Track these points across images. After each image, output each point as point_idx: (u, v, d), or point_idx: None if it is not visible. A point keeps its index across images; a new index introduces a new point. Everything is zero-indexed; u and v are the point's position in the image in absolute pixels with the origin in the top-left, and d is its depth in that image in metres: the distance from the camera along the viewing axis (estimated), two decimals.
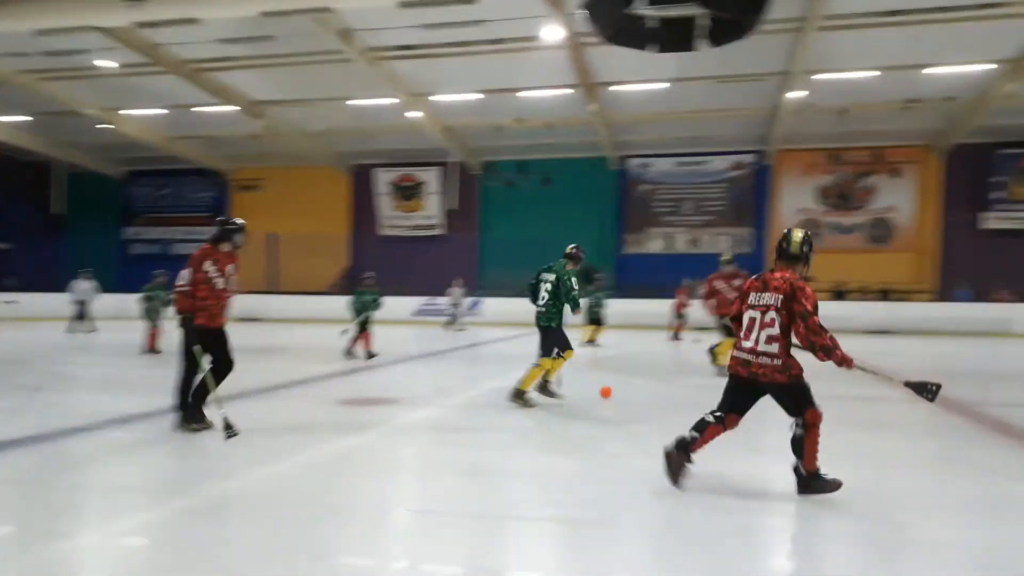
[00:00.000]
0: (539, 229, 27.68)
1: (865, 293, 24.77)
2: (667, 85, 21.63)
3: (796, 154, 26.91)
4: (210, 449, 5.44)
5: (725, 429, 4.44)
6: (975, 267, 24.73)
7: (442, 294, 22.84)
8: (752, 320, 4.36)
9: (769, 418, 4.79)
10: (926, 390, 4.34)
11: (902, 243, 26.40)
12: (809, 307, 4.19)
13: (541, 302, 7.55)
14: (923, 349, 16.42)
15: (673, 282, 20.20)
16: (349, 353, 11.98)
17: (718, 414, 4.44)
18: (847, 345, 4.40)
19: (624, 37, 11.80)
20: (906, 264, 26.18)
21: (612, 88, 22.35)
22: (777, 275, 4.38)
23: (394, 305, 17.31)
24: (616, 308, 23.63)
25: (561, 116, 24.33)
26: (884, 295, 24.30)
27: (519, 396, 7.48)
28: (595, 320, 15.49)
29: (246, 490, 4.51)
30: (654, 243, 28.41)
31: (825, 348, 4.13)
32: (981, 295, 23.44)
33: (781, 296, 4.26)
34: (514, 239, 27.68)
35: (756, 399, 4.42)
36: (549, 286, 7.51)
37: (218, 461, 5.18)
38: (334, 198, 30.41)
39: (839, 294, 24.78)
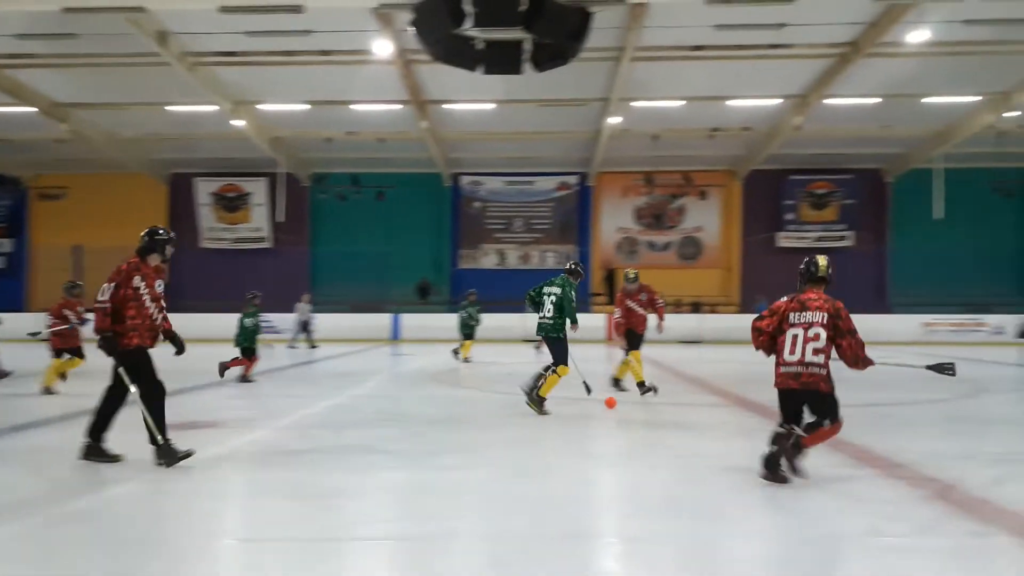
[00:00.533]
0: (373, 243, 27.40)
1: (678, 306, 26.68)
2: (495, 106, 22.24)
3: (615, 176, 28.55)
4: (8, 480, 4.92)
5: (837, 430, 4.94)
6: (772, 281, 27.32)
7: (272, 310, 21.92)
8: (795, 337, 4.92)
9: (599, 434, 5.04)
10: (946, 369, 5.24)
11: (709, 260, 28.72)
12: (852, 325, 4.88)
13: (549, 314, 8.00)
14: (729, 356, 17.91)
15: (506, 296, 20.74)
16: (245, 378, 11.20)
17: (787, 426, 4.91)
18: (665, 353, 4.75)
19: (452, 56, 12.04)
20: (713, 279, 28.47)
21: (444, 106, 22.64)
22: (813, 296, 5.00)
23: (217, 322, 16.45)
24: (455, 322, 23.86)
25: (393, 131, 24.28)
26: (695, 308, 26.28)
27: (538, 403, 7.83)
28: (468, 335, 15.57)
29: (50, 523, 4.12)
30: (488, 258, 28.99)
31: (865, 360, 4.90)
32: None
33: (825, 314, 4.88)
34: (347, 253, 27.21)
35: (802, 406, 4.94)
36: (554, 299, 7.98)
37: (24, 492, 4.69)
38: (150, 208, 28.28)
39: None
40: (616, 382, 9.86)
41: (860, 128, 23.75)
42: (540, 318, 8.15)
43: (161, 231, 5.67)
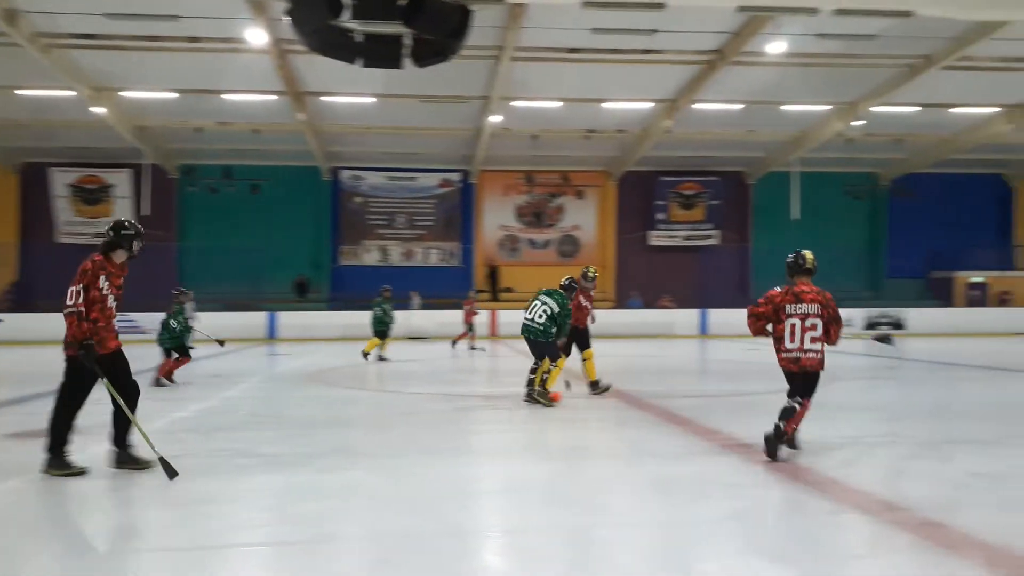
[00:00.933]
0: (248, 239, 26.34)
1: None
2: (375, 100, 21.93)
3: (497, 174, 28.84)
4: None
5: (806, 408, 5.50)
6: (645, 278, 28.48)
7: (137, 310, 20.64)
8: (793, 326, 5.55)
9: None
10: (887, 340, 6.96)
11: (587, 257, 29.49)
12: (838, 313, 5.62)
13: (540, 320, 8.38)
14: (606, 350, 18.44)
15: (392, 294, 20.42)
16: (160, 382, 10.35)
17: (799, 399, 5.48)
18: None
19: (330, 48, 11.76)
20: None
21: (323, 98, 22.09)
22: (806, 288, 5.64)
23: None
24: (335, 320, 23.24)
25: (268, 122, 23.46)
26: None
27: (545, 395, 8.25)
28: (382, 333, 15.08)
29: None
30: (370, 255, 28.56)
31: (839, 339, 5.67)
32: (649, 303, 27.08)
33: (819, 306, 5.55)
34: (219, 249, 26.01)
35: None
36: (549, 311, 8.40)
37: None
38: None
39: None
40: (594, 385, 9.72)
41: (725, 132, 25.09)
42: (527, 319, 8.51)
43: (127, 224, 5.30)
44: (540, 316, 8.46)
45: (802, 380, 5.59)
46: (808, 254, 5.80)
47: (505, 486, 5.14)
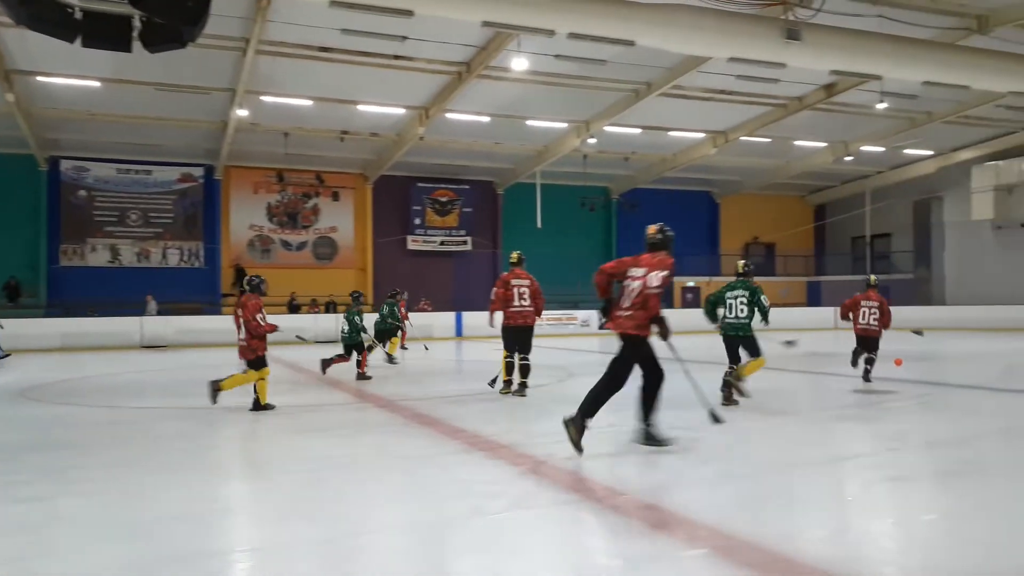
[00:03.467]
0: None
1: (315, 306, 26.57)
2: (101, 84, 19.77)
3: (245, 171, 27.40)
4: None
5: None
6: (404, 282, 28.63)
7: None
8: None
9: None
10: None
11: (345, 260, 29.11)
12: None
13: (742, 315, 8.31)
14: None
15: (121, 297, 18.62)
16: None
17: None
18: (303, 355, 4.70)
19: (41, 23, 10.34)
20: (348, 279, 28.89)
21: (37, 78, 19.43)
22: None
23: None
24: (53, 328, 20.62)
25: None
26: (331, 307, 26.39)
27: (739, 388, 8.18)
28: (388, 333, 14.66)
29: None
30: (96, 255, 25.68)
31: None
32: (409, 306, 27.24)
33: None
34: None
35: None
36: (744, 300, 8.34)
37: None
38: None
39: (293, 307, 26.05)
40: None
41: (476, 143, 26.06)
42: (729, 319, 8.42)
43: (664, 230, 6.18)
44: (742, 311, 8.40)
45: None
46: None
47: (243, 503, 4.92)
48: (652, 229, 6.13)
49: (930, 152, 29.61)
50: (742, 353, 8.31)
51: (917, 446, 6.54)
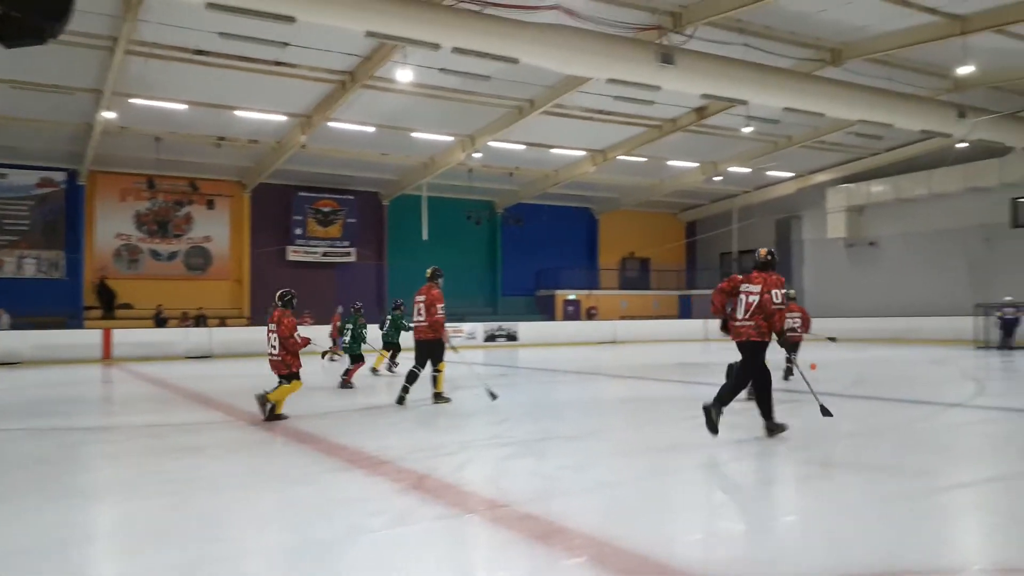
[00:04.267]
0: None
1: (185, 319, 25.28)
2: None
3: (112, 177, 25.85)
4: None
5: None
6: None
7: None
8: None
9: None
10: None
11: (219, 271, 27.91)
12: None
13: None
14: (241, 370, 17.62)
15: None
16: None
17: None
18: (171, 370, 4.49)
19: None
20: (223, 291, 27.76)
21: None
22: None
23: None
24: None
25: None
26: (203, 321, 25.22)
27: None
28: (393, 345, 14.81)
29: None
30: None
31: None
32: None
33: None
34: None
35: None
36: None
37: None
38: None
39: (160, 320, 24.70)
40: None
41: (361, 153, 25.70)
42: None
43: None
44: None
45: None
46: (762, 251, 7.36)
47: (104, 530, 4.65)
48: (763, 252, 7.22)
49: (790, 174, 31.77)
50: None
51: (779, 451, 6.98)
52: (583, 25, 15.65)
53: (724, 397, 6.82)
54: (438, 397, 10.01)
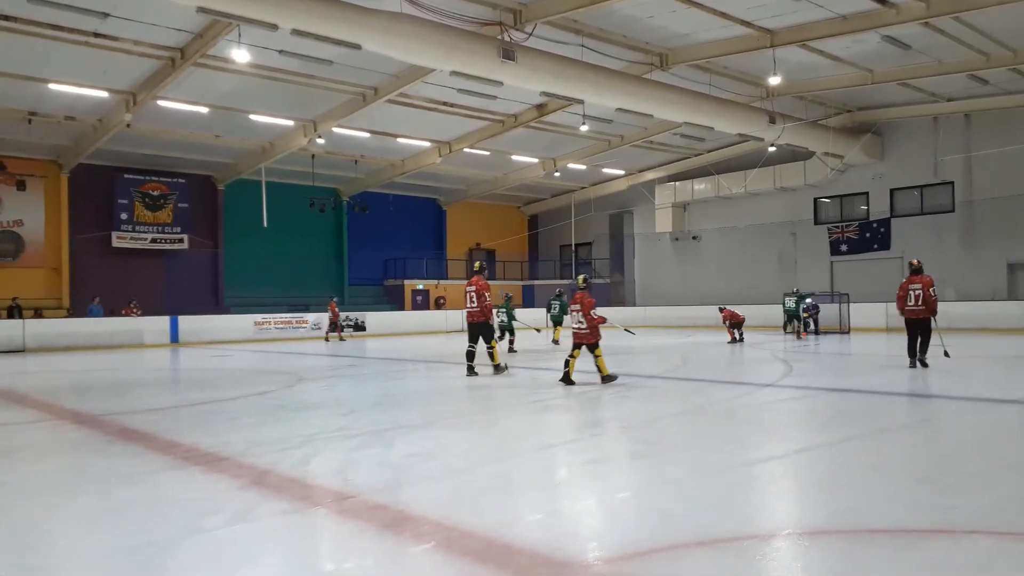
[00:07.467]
0: None
1: None
2: None
3: None
4: None
5: None
6: (107, 283, 25.74)
7: None
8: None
9: None
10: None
11: (33, 258, 25.46)
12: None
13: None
14: (58, 365, 16.18)
15: None
16: None
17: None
18: None
19: None
20: (38, 280, 25.40)
21: None
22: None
23: None
24: None
25: None
26: (14, 311, 22.87)
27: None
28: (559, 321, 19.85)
29: None
30: None
31: None
32: (114, 310, 24.59)
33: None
34: None
35: None
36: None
37: None
38: None
39: None
40: None
41: (193, 134, 24.26)
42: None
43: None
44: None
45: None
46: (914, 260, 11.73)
47: None
48: (915, 261, 11.54)
49: (622, 171, 33.51)
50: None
51: (613, 431, 7.44)
52: (427, 16, 15.64)
53: (920, 353, 11.41)
54: (497, 368, 11.66)
